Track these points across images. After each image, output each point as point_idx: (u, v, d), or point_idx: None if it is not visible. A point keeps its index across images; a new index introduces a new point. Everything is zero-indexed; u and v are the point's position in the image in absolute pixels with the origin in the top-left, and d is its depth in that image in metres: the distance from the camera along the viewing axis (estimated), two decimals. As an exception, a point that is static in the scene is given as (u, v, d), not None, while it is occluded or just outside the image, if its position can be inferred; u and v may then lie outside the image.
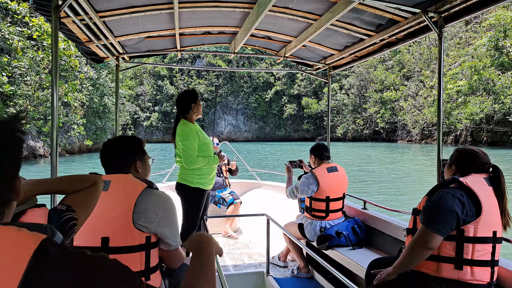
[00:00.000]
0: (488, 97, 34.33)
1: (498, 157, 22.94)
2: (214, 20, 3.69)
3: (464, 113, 36.09)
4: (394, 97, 51.99)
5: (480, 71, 34.71)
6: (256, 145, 51.39)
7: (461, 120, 36.63)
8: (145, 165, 1.77)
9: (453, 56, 43.59)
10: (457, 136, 39.43)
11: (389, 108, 53.66)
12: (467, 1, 2.43)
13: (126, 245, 1.51)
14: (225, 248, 4.43)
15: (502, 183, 1.85)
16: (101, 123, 33.31)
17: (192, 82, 69.71)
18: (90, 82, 28.90)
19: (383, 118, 54.25)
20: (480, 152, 1.93)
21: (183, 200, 3.24)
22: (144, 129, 67.18)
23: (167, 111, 67.94)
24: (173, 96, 67.35)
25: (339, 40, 3.84)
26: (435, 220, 1.74)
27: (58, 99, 2.32)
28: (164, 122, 67.69)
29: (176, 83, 70.23)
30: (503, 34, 33.81)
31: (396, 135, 53.19)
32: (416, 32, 3.12)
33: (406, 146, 40.76)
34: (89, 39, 3.29)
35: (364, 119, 58.73)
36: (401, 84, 52.76)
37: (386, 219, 3.10)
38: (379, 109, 55.40)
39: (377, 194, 11.50)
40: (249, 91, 70.81)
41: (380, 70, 56.64)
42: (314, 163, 3.52)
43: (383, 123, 54.26)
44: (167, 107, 67.85)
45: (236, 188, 5.54)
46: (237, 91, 71.20)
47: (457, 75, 38.67)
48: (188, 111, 3.19)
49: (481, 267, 1.77)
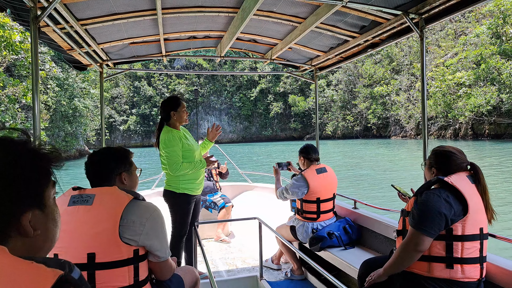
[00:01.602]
0: (492, 87, 32.06)
1: (506, 151, 21.83)
2: (199, 25, 3.67)
3: (467, 104, 33.65)
4: (385, 91, 50.27)
5: (487, 60, 32.31)
6: (243, 146, 49.00)
7: (464, 112, 34.28)
8: (131, 177, 1.75)
9: (446, 47, 42.16)
10: (456, 130, 37.26)
11: (380, 103, 51.89)
12: (446, 2, 2.47)
13: (114, 260, 1.48)
14: (218, 253, 4.41)
15: (482, 180, 1.89)
16: (71, 128, 30.07)
17: (171, 82, 66.02)
18: (57, 82, 25.86)
19: (374, 113, 52.22)
20: (457, 151, 1.96)
21: (170, 207, 3.21)
22: (121, 134, 63.18)
23: (145, 113, 63.92)
24: (151, 97, 64.02)
25: (324, 41, 3.87)
26: (424, 223, 1.76)
27: (39, 110, 2.28)
28: (142, 125, 63.70)
29: (155, 83, 65.61)
30: (502, 21, 31.97)
31: (389, 131, 51.20)
32: (399, 33, 3.16)
33: (401, 142, 39.39)
34: (71, 47, 3.23)
35: (354, 115, 56.63)
36: (391, 78, 50.90)
37: (377, 218, 3.13)
38: (370, 105, 53.53)
39: (371, 192, 11.60)
40: (233, 90, 67.26)
41: (368, 65, 54.68)
42: (303, 165, 3.53)
43: (375, 119, 52.18)
44: (146, 109, 63.88)
45: (227, 191, 5.52)
46: (219, 91, 67.41)
47: (455, 65, 36.64)
48: (169, 119, 3.19)
49: (471, 265, 1.80)
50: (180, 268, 2.10)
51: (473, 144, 29.45)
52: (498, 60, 31.57)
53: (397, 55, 50.49)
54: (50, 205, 0.79)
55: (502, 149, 23.20)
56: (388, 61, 52.36)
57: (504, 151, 21.98)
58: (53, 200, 0.81)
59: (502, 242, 2.16)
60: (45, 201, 0.77)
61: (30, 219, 0.73)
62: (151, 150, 44.34)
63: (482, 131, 34.26)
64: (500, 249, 5.73)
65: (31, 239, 0.73)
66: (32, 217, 0.73)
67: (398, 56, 50.33)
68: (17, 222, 0.71)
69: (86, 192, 1.57)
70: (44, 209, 0.77)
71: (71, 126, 29.98)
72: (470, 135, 35.37)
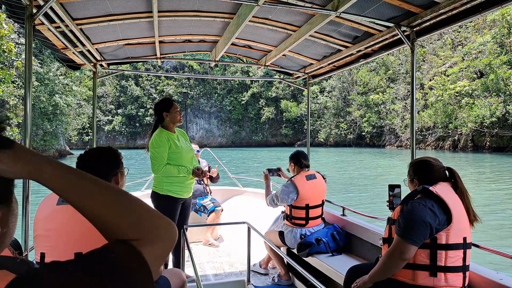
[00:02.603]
0: (497, 98, 31.05)
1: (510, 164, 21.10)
2: (194, 29, 3.70)
3: (470, 116, 32.38)
4: (380, 99, 49.20)
5: (496, 70, 31.05)
6: (232, 151, 47.62)
7: (467, 123, 32.93)
8: (123, 177, 1.75)
9: (444, 56, 41.42)
10: (455, 141, 35.92)
11: (375, 111, 50.77)
12: (437, 17, 2.55)
13: None
14: (206, 256, 4.39)
15: (460, 183, 1.95)
16: (51, 126, 27.85)
17: (160, 83, 63.90)
18: (36, 76, 24.18)
19: (369, 122, 50.99)
20: (432, 159, 2.03)
21: (154, 208, 3.21)
22: (105, 134, 60.93)
23: (131, 114, 61.59)
24: (138, 98, 61.52)
25: (318, 50, 3.93)
26: (410, 232, 1.80)
27: (31, 107, 2.27)
28: (128, 126, 61.51)
29: (142, 84, 63.50)
30: (507, 31, 30.92)
31: (383, 140, 50.04)
32: (391, 45, 3.23)
33: (396, 152, 38.09)
34: (65, 46, 3.23)
35: (347, 123, 55.47)
36: (387, 87, 50.01)
37: (364, 226, 3.17)
38: (365, 113, 52.39)
39: (363, 200, 11.64)
40: (223, 93, 65.60)
41: (364, 72, 53.75)
42: (293, 171, 3.56)
43: (369, 128, 50.98)
44: (132, 110, 61.51)
45: (218, 195, 5.52)
46: (210, 93, 65.85)
47: (456, 74, 35.71)
48: (163, 120, 3.24)
49: (454, 273, 1.84)
50: (167, 270, 2.11)
51: (473, 156, 28.56)
52: (505, 71, 30.68)
53: (393, 63, 50.11)
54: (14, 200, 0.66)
55: (506, 163, 22.22)
56: (384, 70, 51.73)
57: (508, 164, 21.15)
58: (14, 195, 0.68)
59: (486, 252, 2.21)
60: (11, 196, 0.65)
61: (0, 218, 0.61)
62: (136, 152, 42.87)
63: (483, 143, 33.07)
64: (484, 260, 5.82)
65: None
66: (1, 215, 0.62)
67: (394, 64, 49.97)
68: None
69: None
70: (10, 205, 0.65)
71: (50, 124, 27.92)
72: (470, 147, 34.15)
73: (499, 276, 1.93)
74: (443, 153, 33.98)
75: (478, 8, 2.27)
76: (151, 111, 59.64)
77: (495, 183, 14.65)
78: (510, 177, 16.24)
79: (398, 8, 2.65)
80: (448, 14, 2.46)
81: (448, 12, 2.44)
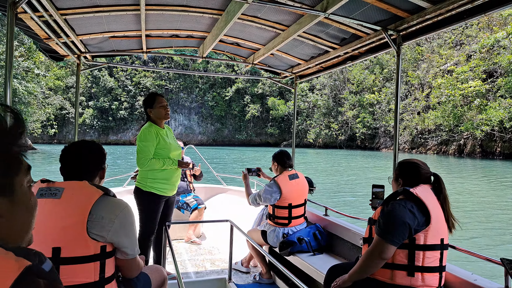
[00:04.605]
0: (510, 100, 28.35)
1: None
2: (182, 24, 3.66)
3: (484, 119, 29.23)
4: (375, 99, 45.97)
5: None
6: (213, 150, 43.95)
7: (480, 126, 29.85)
8: (105, 171, 1.73)
9: (446, 55, 38.51)
10: (461, 146, 32.80)
11: (369, 112, 47.53)
12: (422, 22, 2.60)
13: (79, 256, 1.45)
14: (188, 254, 4.37)
15: (443, 189, 2.00)
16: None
17: (136, 74, 58.35)
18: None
19: (363, 123, 47.77)
20: (421, 163, 2.08)
21: (137, 204, 3.18)
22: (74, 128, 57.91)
23: (104, 107, 56.26)
24: (112, 90, 56.45)
25: (306, 50, 3.95)
26: (390, 232, 1.83)
27: (11, 95, 2.20)
28: (100, 120, 56.20)
29: (117, 74, 57.77)
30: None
31: (376, 142, 47.09)
32: (377, 48, 3.27)
33: (392, 156, 35.76)
34: (49, 37, 3.15)
35: (339, 123, 51.97)
36: (382, 86, 46.82)
37: (345, 226, 3.21)
38: (358, 113, 48.95)
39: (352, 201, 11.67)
40: (205, 88, 60.56)
41: (358, 70, 50.20)
42: (276, 171, 3.57)
43: (364, 129, 47.72)
44: (105, 102, 56.12)
45: (201, 193, 5.49)
46: (190, 87, 60.55)
47: (466, 74, 32.70)
48: (149, 116, 3.20)
49: (431, 273, 1.88)
50: (148, 267, 2.08)
51: (483, 163, 25.35)
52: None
53: (389, 61, 47.24)
54: (21, 193, 0.74)
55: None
56: (379, 68, 49.06)
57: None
58: (27, 187, 0.76)
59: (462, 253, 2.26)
60: (13, 188, 0.72)
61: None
62: (109, 148, 39.72)
63: (492, 149, 29.95)
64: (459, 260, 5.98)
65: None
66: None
67: (390, 63, 47.01)
68: None
69: (55, 185, 1.53)
70: (12, 197, 0.72)
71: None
72: (478, 153, 30.96)
73: (474, 277, 1.98)
74: (447, 158, 31.02)
75: (462, 15, 2.32)
76: (125, 104, 56.64)
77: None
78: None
79: (385, 12, 2.68)
80: (433, 20, 2.51)
81: (434, 18, 2.49)
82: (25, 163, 0.75)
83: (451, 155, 33.08)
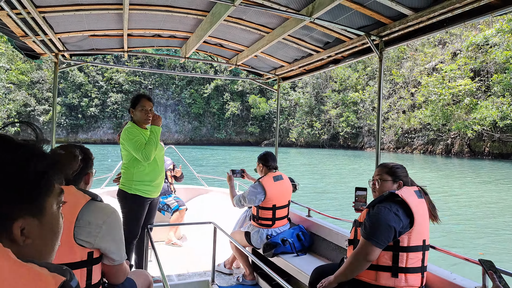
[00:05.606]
0: (503, 98, 27.71)
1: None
2: (165, 24, 3.61)
3: (478, 118, 28.22)
4: (360, 98, 45.00)
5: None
6: (191, 149, 42.09)
7: (472, 125, 29.05)
8: (92, 176, 1.69)
9: (430, 54, 37.84)
10: (448, 146, 32.10)
11: (353, 111, 46.70)
12: (404, 29, 2.67)
13: (66, 262, 1.41)
14: (169, 256, 4.31)
15: (430, 202, 2.12)
16: None
17: (108, 69, 54.99)
18: None
19: (347, 122, 46.83)
20: (400, 166, 2.18)
21: (121, 207, 3.10)
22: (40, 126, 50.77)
23: (73, 104, 52.14)
24: (81, 85, 52.81)
25: (289, 53, 3.98)
26: (375, 235, 1.88)
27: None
28: (69, 117, 52.22)
29: (87, 69, 53.81)
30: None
31: (360, 141, 46.30)
32: (360, 52, 3.34)
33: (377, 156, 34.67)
34: (25, 34, 3.03)
35: (322, 122, 51.02)
36: (366, 84, 45.85)
37: (328, 227, 3.25)
38: (342, 112, 48.02)
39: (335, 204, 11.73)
40: (182, 84, 57.72)
41: (341, 68, 48.32)
42: (261, 172, 3.59)
43: (348, 128, 46.79)
44: (74, 99, 52.03)
45: (182, 194, 5.43)
46: (166, 84, 57.87)
47: (454, 72, 31.84)
48: (131, 116, 3.13)
49: (414, 274, 1.95)
50: (133, 271, 2.05)
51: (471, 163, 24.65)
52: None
53: (372, 59, 45.17)
54: (50, 214, 0.74)
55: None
56: (362, 66, 48.07)
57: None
58: (56, 210, 0.76)
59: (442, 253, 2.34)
60: (44, 209, 0.72)
61: (22, 227, 0.68)
62: None
63: (481, 149, 29.29)
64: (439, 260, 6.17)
65: (21, 247, 0.69)
66: (25, 225, 0.68)
67: (373, 61, 45.57)
68: (9, 228, 0.67)
69: None
70: (42, 218, 0.72)
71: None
72: (466, 153, 30.35)
73: (453, 276, 2.07)
74: (434, 157, 30.40)
75: (442, 23, 2.41)
76: (96, 101, 53.46)
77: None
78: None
79: (369, 18, 2.74)
80: (415, 27, 2.59)
81: (415, 25, 2.57)
82: (58, 187, 0.76)
83: (438, 155, 32.62)
